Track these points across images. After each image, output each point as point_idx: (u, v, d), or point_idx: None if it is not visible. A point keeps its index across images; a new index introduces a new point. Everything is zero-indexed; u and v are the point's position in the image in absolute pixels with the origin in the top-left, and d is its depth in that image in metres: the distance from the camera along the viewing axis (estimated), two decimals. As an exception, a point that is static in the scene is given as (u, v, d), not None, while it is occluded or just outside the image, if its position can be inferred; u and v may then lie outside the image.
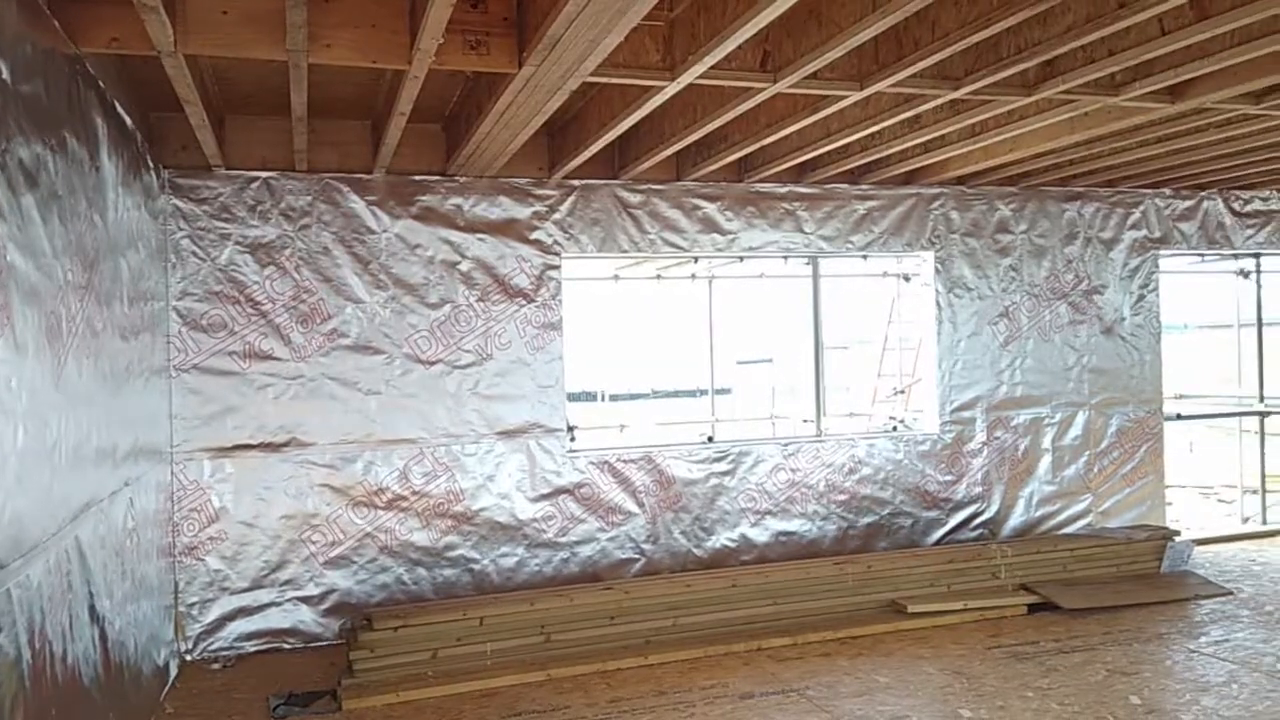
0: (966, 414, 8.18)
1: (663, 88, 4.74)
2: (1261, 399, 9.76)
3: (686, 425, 10.67)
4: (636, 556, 7.33)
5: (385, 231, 6.81)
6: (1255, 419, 9.80)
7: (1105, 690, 5.41)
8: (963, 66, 4.83)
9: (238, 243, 6.51)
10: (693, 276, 9.53)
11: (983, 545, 7.60)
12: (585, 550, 7.21)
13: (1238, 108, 5.68)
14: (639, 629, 6.42)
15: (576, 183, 7.19)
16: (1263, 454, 9.75)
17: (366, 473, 6.74)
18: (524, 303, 7.09)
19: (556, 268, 7.18)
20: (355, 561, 6.71)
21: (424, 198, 6.89)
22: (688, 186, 7.46)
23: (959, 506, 8.12)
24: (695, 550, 7.46)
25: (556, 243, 7.17)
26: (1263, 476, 9.71)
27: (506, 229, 7.06)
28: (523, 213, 7.10)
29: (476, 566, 6.96)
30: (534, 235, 7.12)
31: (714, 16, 4.07)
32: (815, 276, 8.21)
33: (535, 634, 6.22)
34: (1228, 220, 9.07)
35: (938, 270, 8.14)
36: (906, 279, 9.04)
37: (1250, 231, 9.16)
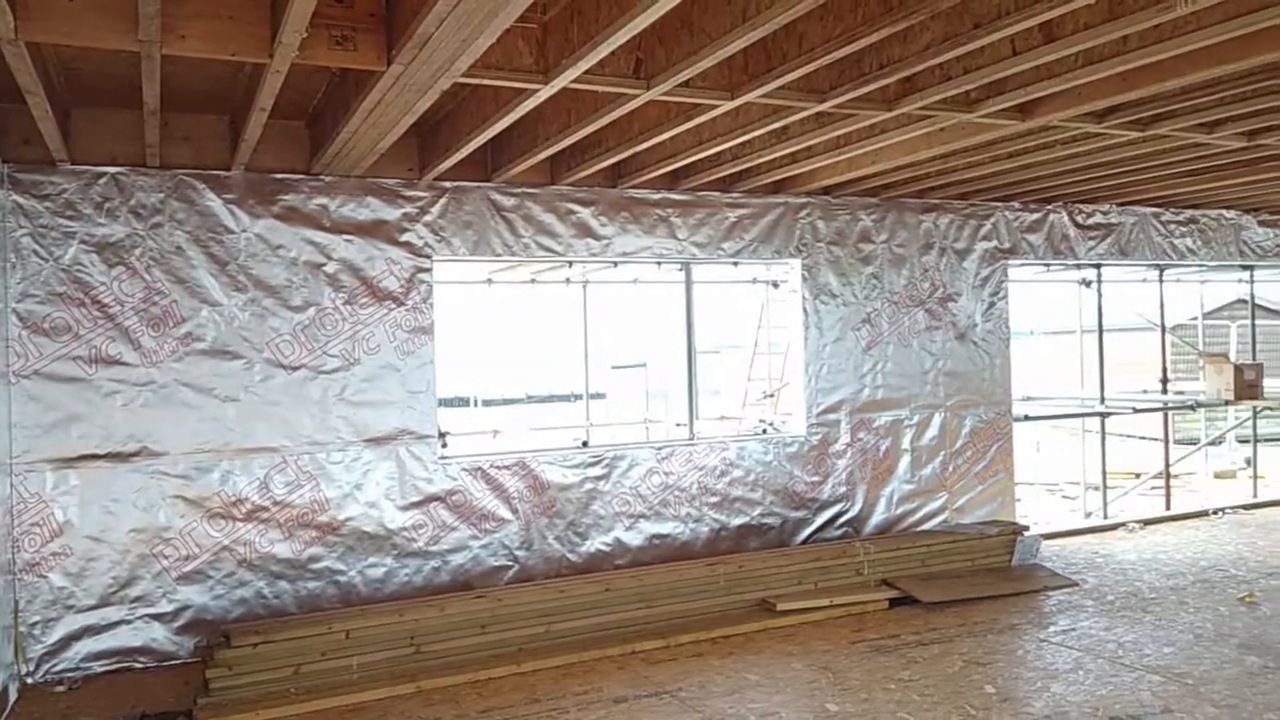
0: (832, 416, 8.43)
1: (536, 90, 4.71)
2: (1102, 400, 10.43)
3: (561, 430, 10.64)
4: (510, 563, 7.25)
5: (245, 231, 6.53)
6: (1097, 419, 10.46)
7: (962, 680, 5.66)
8: (828, 80, 4.98)
9: (83, 242, 6.12)
10: (567, 281, 9.51)
11: (847, 543, 7.86)
12: (457, 558, 7.09)
13: (1082, 126, 6.04)
14: (512, 637, 6.35)
15: (448, 184, 7.07)
16: (1103, 452, 10.43)
17: (224, 483, 6.43)
18: (394, 306, 6.92)
19: (428, 270, 7.04)
20: (212, 576, 6.40)
21: (287, 197, 6.64)
22: (562, 191, 7.45)
23: (825, 506, 8.36)
24: (570, 555, 7.44)
25: (428, 245, 7.03)
26: (1104, 473, 10.38)
27: (375, 230, 6.88)
28: (392, 214, 6.93)
29: (343, 578, 6.74)
30: (404, 237, 6.96)
31: (587, 21, 4.07)
32: (688, 282, 8.31)
33: (405, 645, 6.07)
34: (1071, 232, 9.65)
35: (805, 277, 8.37)
36: (775, 285, 9.26)
37: (1092, 243, 9.77)
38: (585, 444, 7.96)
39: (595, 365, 10.66)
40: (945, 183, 8.11)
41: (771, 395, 11.36)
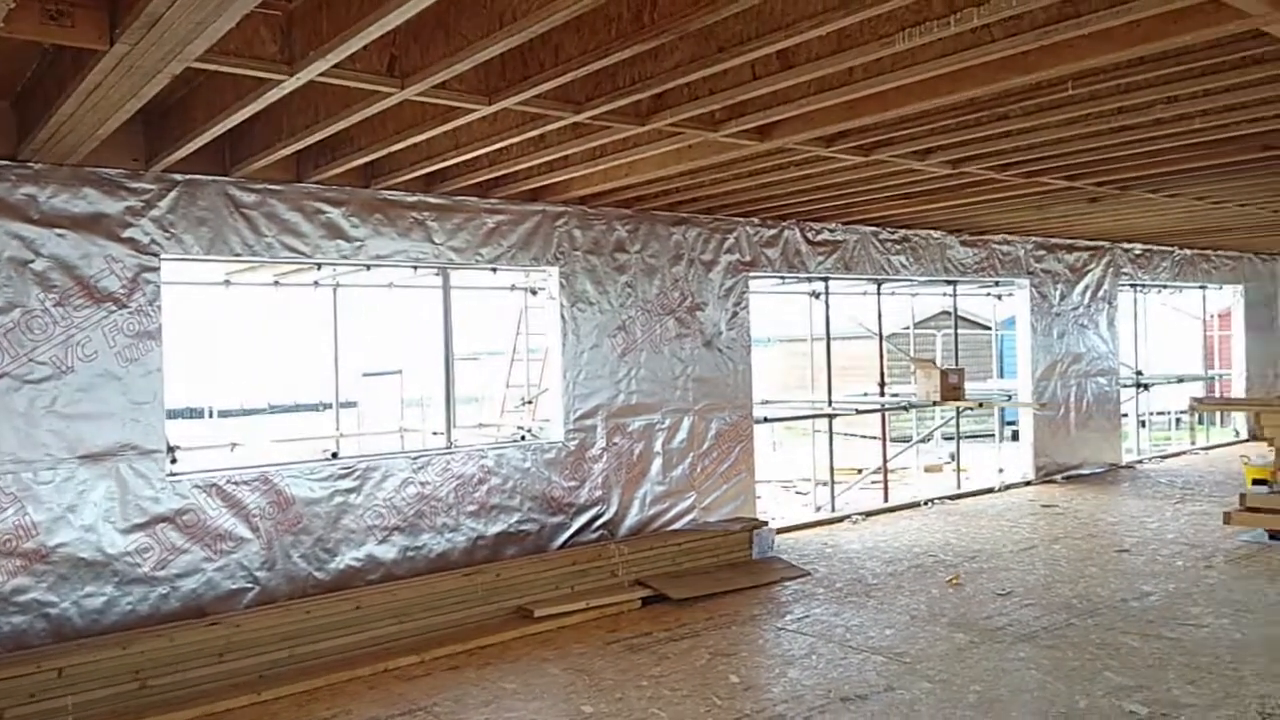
0: (589, 422, 8.58)
1: (280, 82, 4.46)
2: (830, 403, 11.29)
3: (308, 441, 10.13)
4: (250, 586, 6.79)
5: (-70, 221, 5.72)
6: (825, 420, 11.31)
7: (709, 672, 5.93)
8: (584, 92, 5.07)
9: None
10: (315, 284, 9.08)
11: (603, 546, 8.02)
12: (188, 583, 6.55)
13: (813, 149, 6.51)
14: (252, 664, 5.96)
15: (180, 177, 6.54)
16: (831, 451, 11.29)
17: (-98, 509, 5.60)
18: (114, 309, 6.30)
19: (155, 270, 6.47)
20: (-114, 617, 5.55)
21: (-16, 183, 5.89)
22: (310, 189, 7.09)
23: (582, 510, 8.49)
24: (317, 574, 7.08)
25: (155, 242, 6.47)
26: (831, 470, 11.24)
27: (93, 225, 6.24)
28: (114, 207, 6.32)
29: (54, 610, 6.04)
30: (127, 233, 6.36)
31: (338, 13, 3.90)
32: (445, 287, 8.17)
33: (129, 681, 5.54)
34: (803, 248, 10.39)
35: (562, 285, 8.47)
36: (534, 292, 9.30)
37: (820, 258, 10.56)
38: (334, 455, 7.62)
39: (346, 372, 10.24)
40: (693, 197, 8.48)
41: (530, 402, 11.40)
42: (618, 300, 8.80)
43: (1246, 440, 16.22)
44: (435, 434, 8.83)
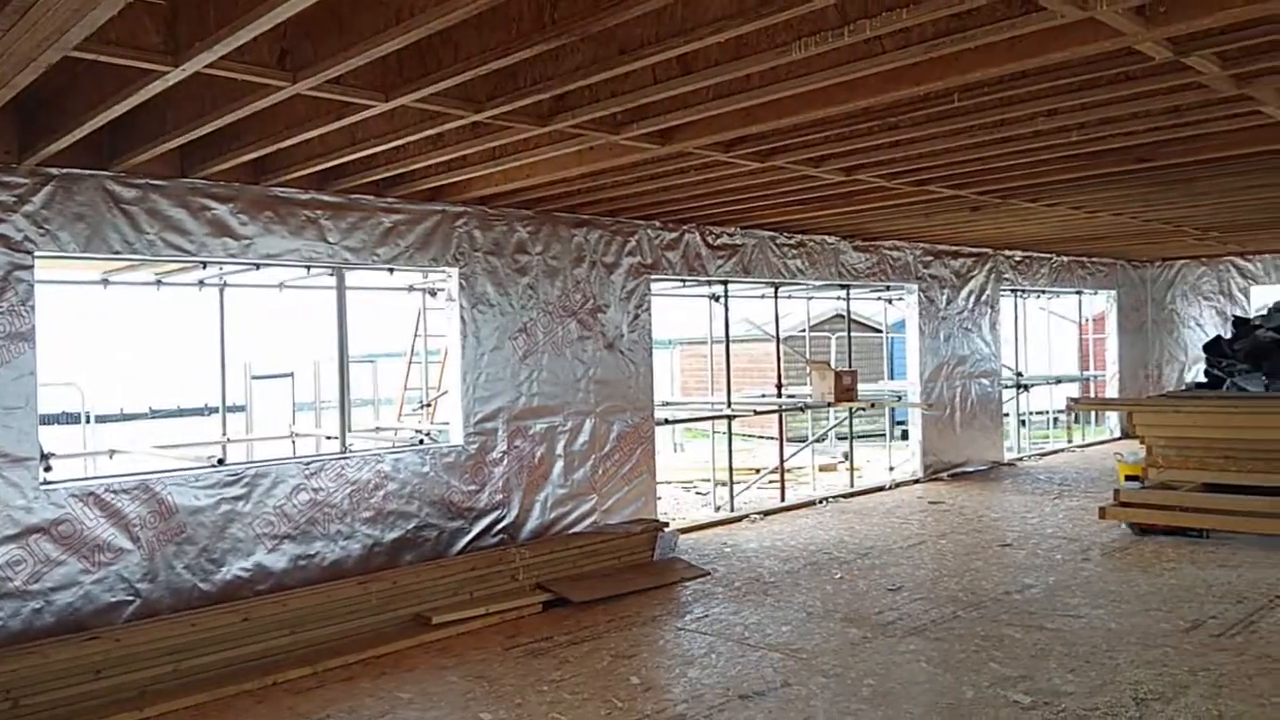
0: (489, 425, 8.49)
1: (165, 73, 4.28)
2: (729, 404, 11.45)
3: (193, 447, 9.76)
4: (130, 598, 6.48)
5: None
6: (725, 421, 11.46)
7: (610, 674, 5.94)
8: (484, 91, 5.01)
9: None
10: (201, 284, 8.76)
11: (503, 550, 7.95)
12: (64, 597, 6.21)
13: (713, 154, 6.59)
14: (133, 680, 5.69)
15: (55, 171, 6.21)
16: (730, 451, 11.44)
17: None
18: (-18, 308, 5.94)
19: (28, 268, 6.12)
20: None
21: None
22: (196, 185, 6.82)
23: (482, 514, 8.39)
24: (203, 585, 6.80)
25: (28, 239, 6.12)
26: (730, 470, 11.39)
27: (-43, 219, 5.87)
28: (-20, 201, 5.96)
29: (-89, 630, 5.66)
30: (-4, 228, 6.01)
31: (225, 4, 3.77)
32: (340, 288, 7.97)
33: (-3, 702, 5.23)
34: (703, 251, 10.51)
35: (462, 286, 8.35)
36: (433, 294, 9.16)
37: (720, 262, 10.70)
38: (221, 462, 7.34)
39: (234, 375, 9.89)
40: (595, 199, 8.49)
41: (429, 405, 11.22)
42: (519, 302, 8.73)
43: (1120, 438, 17.11)
44: (329, 438, 8.61)
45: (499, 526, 8.49)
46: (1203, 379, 11.46)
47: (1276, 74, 5.02)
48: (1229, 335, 11.30)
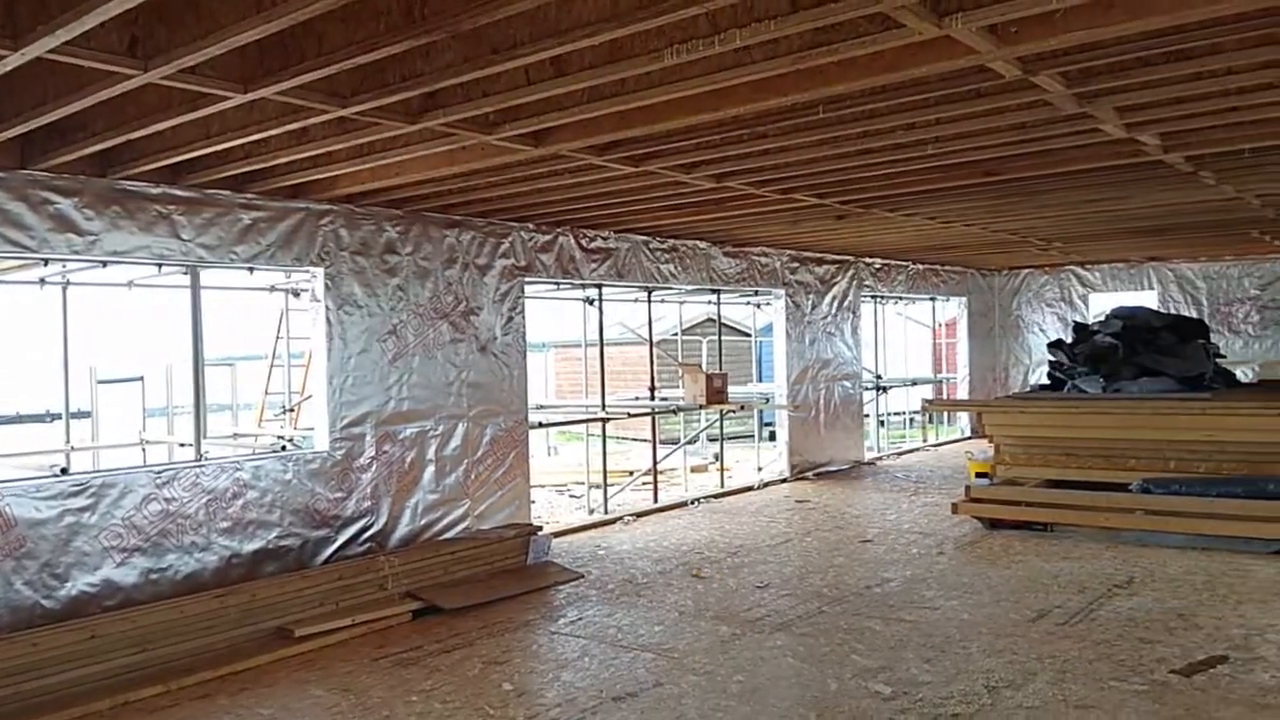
0: (357, 430, 8.25)
1: (3, 57, 4.00)
2: (603, 407, 11.48)
3: (35, 456, 9.14)
4: (-40, 618, 6.01)
5: None
6: (599, 424, 11.49)
7: (482, 682, 5.86)
8: (350, 86, 4.87)
9: None
10: (42, 282, 8.23)
11: (371, 559, 7.74)
12: (-118, 619, 5.71)
13: (587, 158, 6.60)
14: (-37, 706, 5.29)
15: None
16: (604, 453, 11.48)
17: None
18: None
19: None
20: None
21: None
22: (36, 177, 6.38)
23: (349, 522, 8.14)
24: (45, 602, 6.36)
25: None
26: (605, 473, 11.43)
27: None
28: None
29: None
30: None
31: (70, -16, 3.55)
32: (195, 287, 7.58)
33: None
34: (578, 254, 10.52)
35: (328, 287, 8.09)
36: (296, 294, 8.85)
37: (594, 265, 10.73)
38: (64, 471, 6.90)
39: (78, 379, 9.31)
40: (468, 200, 8.37)
41: (292, 410, 10.84)
42: (388, 303, 8.52)
43: (970, 437, 18.01)
44: (183, 445, 8.20)
45: (367, 534, 8.26)
46: (1046, 381, 12.16)
47: (1114, 94, 5.39)
48: (1070, 340, 12.03)
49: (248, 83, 4.61)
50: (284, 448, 8.26)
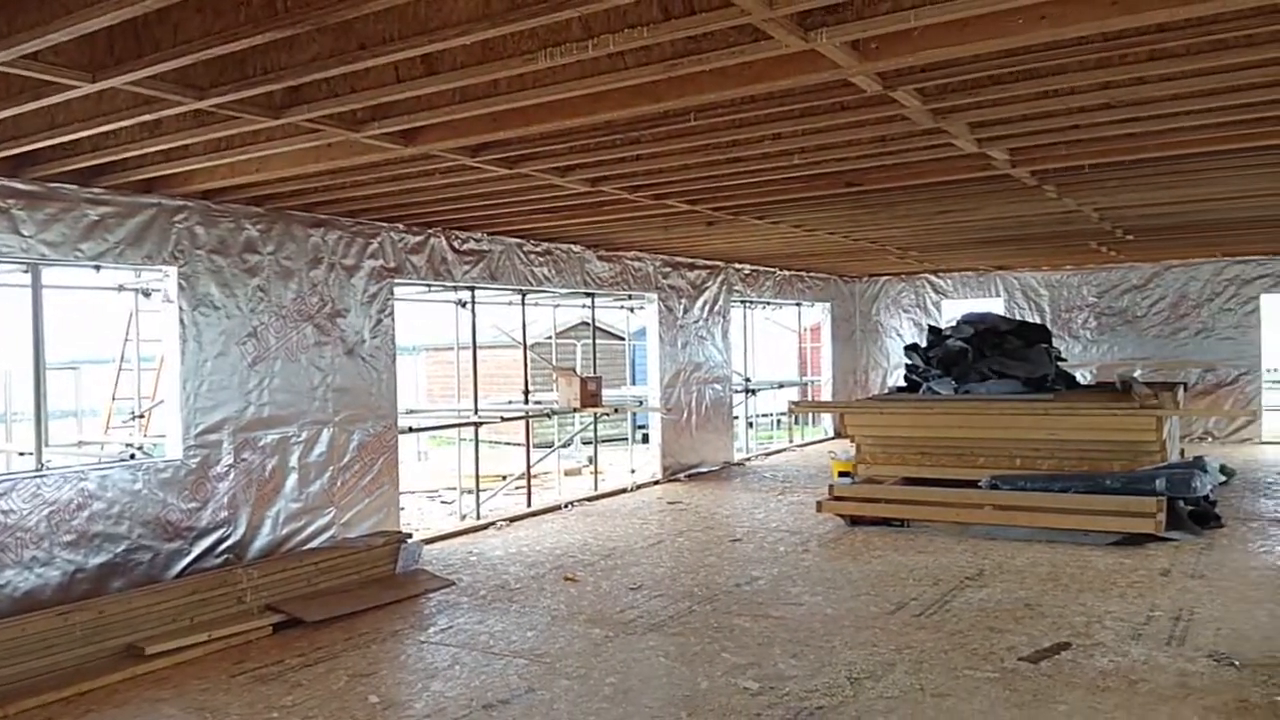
0: (213, 437, 7.89)
1: None
2: (476, 411, 11.34)
3: None
4: None
5: None
6: (471, 428, 11.34)
7: (347, 695, 5.69)
8: (209, 77, 4.67)
9: None
10: None
11: (228, 571, 7.41)
12: None
13: (459, 158, 6.51)
14: None
15: None
16: (476, 458, 11.34)
17: None
18: None
19: None
20: None
21: None
22: None
23: (204, 534, 7.78)
24: None
25: None
26: (477, 478, 11.29)
27: None
28: None
29: None
30: None
31: (-110, -43, 3.28)
32: (36, 286, 7.09)
33: None
34: (450, 256, 10.35)
35: (182, 286, 7.71)
36: (147, 294, 8.39)
37: (467, 267, 10.59)
38: (-119, 483, 6.34)
39: (-103, 384, 8.59)
40: (335, 199, 8.13)
41: (143, 416, 10.27)
42: (248, 305, 8.18)
43: (834, 437, 18.64)
44: (22, 454, 7.66)
45: (224, 546, 7.91)
46: (903, 383, 12.70)
47: (967, 110, 5.69)
48: (924, 344, 12.59)
49: (96, 71, 4.36)
50: (133, 456, 7.82)
